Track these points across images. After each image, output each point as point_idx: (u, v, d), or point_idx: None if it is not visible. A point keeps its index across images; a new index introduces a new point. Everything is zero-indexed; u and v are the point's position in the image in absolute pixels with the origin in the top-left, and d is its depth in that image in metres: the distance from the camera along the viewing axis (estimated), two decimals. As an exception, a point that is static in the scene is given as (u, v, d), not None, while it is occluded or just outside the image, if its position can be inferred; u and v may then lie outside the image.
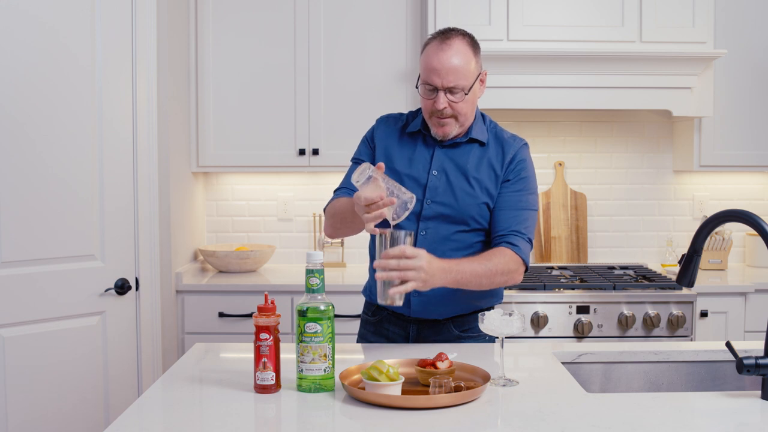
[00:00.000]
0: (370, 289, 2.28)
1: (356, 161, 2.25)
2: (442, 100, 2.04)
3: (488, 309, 2.23)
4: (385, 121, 2.28)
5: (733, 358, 1.78)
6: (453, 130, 2.10)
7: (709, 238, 3.13)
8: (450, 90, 2.04)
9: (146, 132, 2.94)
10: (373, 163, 2.10)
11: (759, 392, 1.69)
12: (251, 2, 3.50)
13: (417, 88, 2.13)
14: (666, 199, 3.87)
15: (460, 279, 1.95)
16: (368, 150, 2.25)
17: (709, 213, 3.63)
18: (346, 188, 2.21)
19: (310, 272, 1.73)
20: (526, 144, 2.19)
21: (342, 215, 2.09)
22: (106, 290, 2.82)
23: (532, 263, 3.77)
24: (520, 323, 1.79)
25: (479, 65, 2.10)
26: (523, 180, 2.14)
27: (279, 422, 1.63)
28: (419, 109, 2.23)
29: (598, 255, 3.86)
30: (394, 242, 1.82)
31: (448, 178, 2.12)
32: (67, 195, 2.70)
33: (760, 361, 1.63)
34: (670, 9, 3.35)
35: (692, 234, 2.41)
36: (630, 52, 3.32)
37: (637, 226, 3.87)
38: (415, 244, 2.07)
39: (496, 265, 2.01)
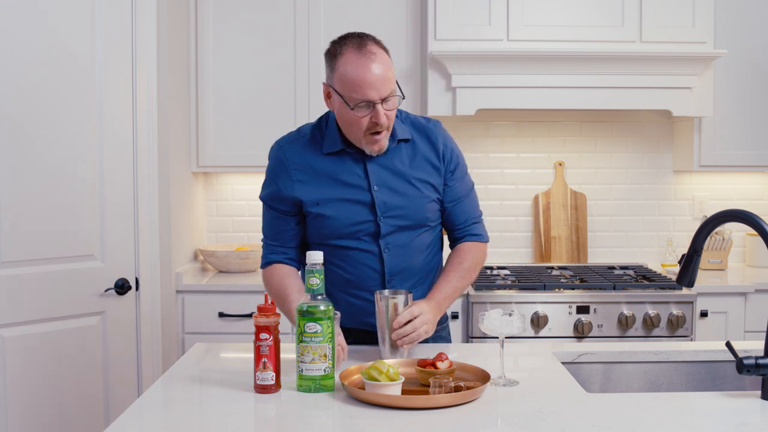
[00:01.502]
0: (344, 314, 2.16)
1: (272, 208, 2.07)
2: (383, 113, 1.89)
3: None
4: (289, 144, 2.06)
5: (733, 358, 1.78)
6: (387, 140, 1.98)
7: (709, 238, 3.13)
8: (385, 100, 1.89)
9: (146, 132, 2.94)
10: (296, 195, 2.01)
11: (759, 392, 1.69)
12: (251, 2, 3.50)
13: (332, 102, 1.96)
14: (666, 199, 3.87)
15: (450, 302, 2.08)
16: (283, 181, 2.03)
17: (709, 213, 3.63)
18: (276, 240, 2.08)
19: (310, 272, 1.73)
20: (440, 123, 2.14)
21: (280, 303, 2.02)
22: (106, 290, 2.82)
23: (531, 263, 3.77)
24: (520, 323, 1.80)
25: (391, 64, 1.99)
26: (460, 165, 2.14)
27: (279, 422, 1.63)
28: (322, 122, 2.06)
29: (598, 255, 3.86)
30: (394, 308, 1.91)
31: (392, 188, 2.02)
32: (67, 195, 2.70)
33: (760, 361, 1.63)
34: (670, 9, 3.35)
35: (692, 234, 2.41)
36: (630, 52, 3.31)
37: (637, 226, 3.87)
38: (381, 263, 2.06)
39: (470, 264, 2.12)
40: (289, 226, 2.08)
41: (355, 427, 1.53)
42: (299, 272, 2.12)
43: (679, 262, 1.92)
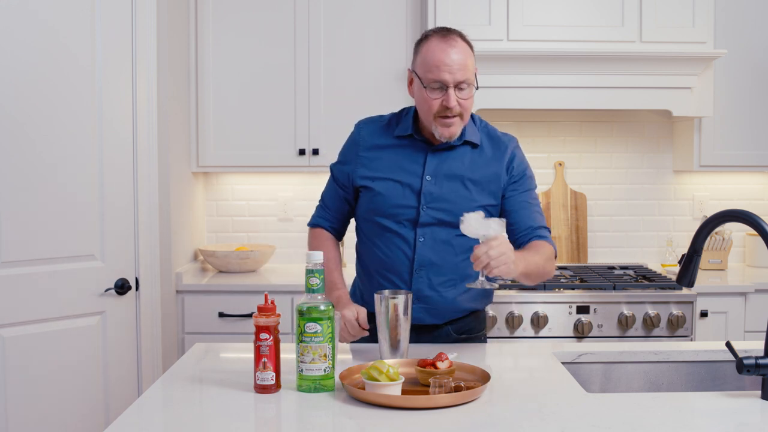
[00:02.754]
0: (362, 297, 2.24)
1: (335, 178, 2.26)
2: (453, 97, 2.00)
3: (482, 310, 2.28)
4: (367, 125, 2.23)
5: (733, 358, 1.78)
6: (459, 129, 2.07)
7: (709, 238, 3.13)
8: (459, 86, 2.01)
9: (146, 132, 2.94)
10: (357, 173, 2.16)
11: (759, 392, 1.69)
12: (251, 2, 3.50)
13: (413, 88, 2.09)
14: (666, 199, 3.87)
15: (528, 266, 1.97)
16: (351, 158, 2.20)
17: (709, 213, 3.63)
18: (328, 209, 2.27)
19: (310, 272, 1.73)
20: (518, 142, 2.22)
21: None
22: (106, 290, 2.82)
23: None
24: (498, 225, 1.85)
25: (474, 62, 2.09)
26: (530, 178, 2.19)
27: (279, 422, 1.63)
28: (403, 111, 2.19)
29: (598, 255, 3.86)
30: (394, 308, 1.90)
31: (443, 183, 2.10)
32: (67, 195, 2.70)
33: (760, 361, 1.63)
34: (670, 9, 3.35)
35: (692, 234, 2.41)
36: (630, 52, 3.32)
37: (637, 226, 3.87)
38: (413, 251, 2.09)
39: (545, 254, 2.07)
40: (340, 198, 2.25)
41: (355, 427, 1.53)
42: (338, 242, 2.30)
43: (679, 262, 1.92)
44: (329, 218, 2.28)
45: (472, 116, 2.17)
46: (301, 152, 3.50)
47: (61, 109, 2.68)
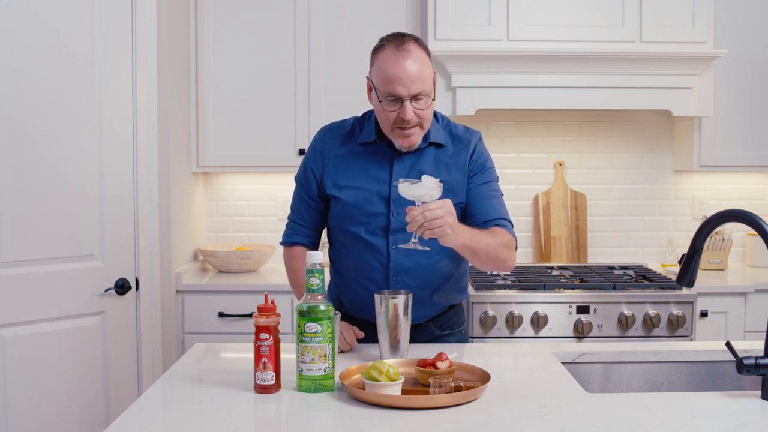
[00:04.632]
0: (340, 303, 2.22)
1: (302, 187, 2.18)
2: (410, 110, 1.95)
3: (459, 304, 2.28)
4: (330, 132, 2.17)
5: (733, 358, 1.78)
6: (419, 138, 2.03)
7: (709, 238, 3.13)
8: (415, 98, 1.96)
9: (146, 132, 2.94)
10: (326, 183, 2.11)
11: (759, 392, 1.69)
12: (251, 2, 3.50)
13: (371, 96, 2.05)
14: (666, 199, 3.87)
15: (474, 241, 1.94)
16: (317, 167, 2.13)
17: (709, 213, 3.63)
18: (303, 224, 2.20)
19: (310, 272, 1.73)
20: (480, 136, 2.19)
21: (294, 284, 2.20)
22: (106, 290, 2.82)
23: (531, 263, 3.77)
24: (432, 183, 1.83)
25: (432, 67, 2.05)
26: (490, 170, 2.16)
27: (279, 422, 1.63)
28: (366, 116, 2.16)
29: (598, 255, 3.86)
30: (394, 308, 1.90)
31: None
32: (67, 195, 2.70)
33: (760, 361, 1.63)
34: (670, 9, 3.35)
35: (692, 234, 2.41)
36: (630, 52, 3.32)
37: (637, 226, 3.87)
38: (388, 259, 2.08)
39: (501, 239, 2.02)
40: (312, 209, 2.18)
41: (355, 427, 1.53)
42: None
43: (679, 262, 1.92)
44: (305, 233, 2.21)
45: (435, 115, 2.13)
46: (301, 152, 3.50)
47: (61, 110, 2.68)
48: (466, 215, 2.12)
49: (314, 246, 2.24)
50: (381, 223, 2.07)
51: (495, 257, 2.01)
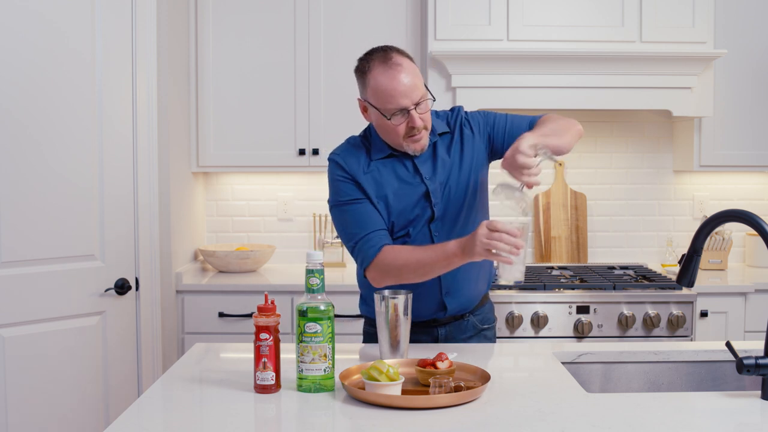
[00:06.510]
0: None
1: (355, 201, 2.09)
2: (417, 117, 2.01)
3: (488, 297, 2.35)
4: (345, 155, 2.13)
5: (733, 358, 1.78)
6: (427, 138, 2.09)
7: (709, 238, 3.13)
8: (418, 105, 2.00)
9: (146, 132, 2.94)
10: (364, 193, 2.09)
11: (759, 392, 1.69)
12: (251, 2, 3.50)
13: (369, 115, 2.07)
14: (666, 199, 3.87)
15: (552, 139, 1.98)
16: (354, 185, 2.10)
17: (709, 213, 3.63)
18: (376, 229, 2.07)
19: (310, 272, 1.73)
20: (462, 107, 2.24)
21: (421, 267, 2.01)
22: (106, 290, 2.82)
23: (532, 263, 3.77)
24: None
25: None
26: (491, 113, 2.21)
27: (279, 422, 1.63)
28: (367, 134, 2.16)
29: (598, 255, 3.86)
30: (393, 308, 1.90)
31: (439, 171, 2.13)
32: (67, 195, 2.70)
33: (760, 361, 1.63)
34: (670, 9, 3.35)
35: (692, 234, 2.41)
36: (630, 52, 3.32)
37: (637, 226, 3.87)
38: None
39: (552, 118, 2.11)
40: (375, 213, 2.09)
41: (355, 427, 1.53)
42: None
43: (679, 262, 1.92)
44: (383, 235, 2.08)
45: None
46: (301, 152, 3.50)
47: (61, 110, 2.68)
48: (506, 146, 2.14)
49: (393, 242, 2.13)
50: (427, 216, 2.11)
51: (576, 135, 2.10)
